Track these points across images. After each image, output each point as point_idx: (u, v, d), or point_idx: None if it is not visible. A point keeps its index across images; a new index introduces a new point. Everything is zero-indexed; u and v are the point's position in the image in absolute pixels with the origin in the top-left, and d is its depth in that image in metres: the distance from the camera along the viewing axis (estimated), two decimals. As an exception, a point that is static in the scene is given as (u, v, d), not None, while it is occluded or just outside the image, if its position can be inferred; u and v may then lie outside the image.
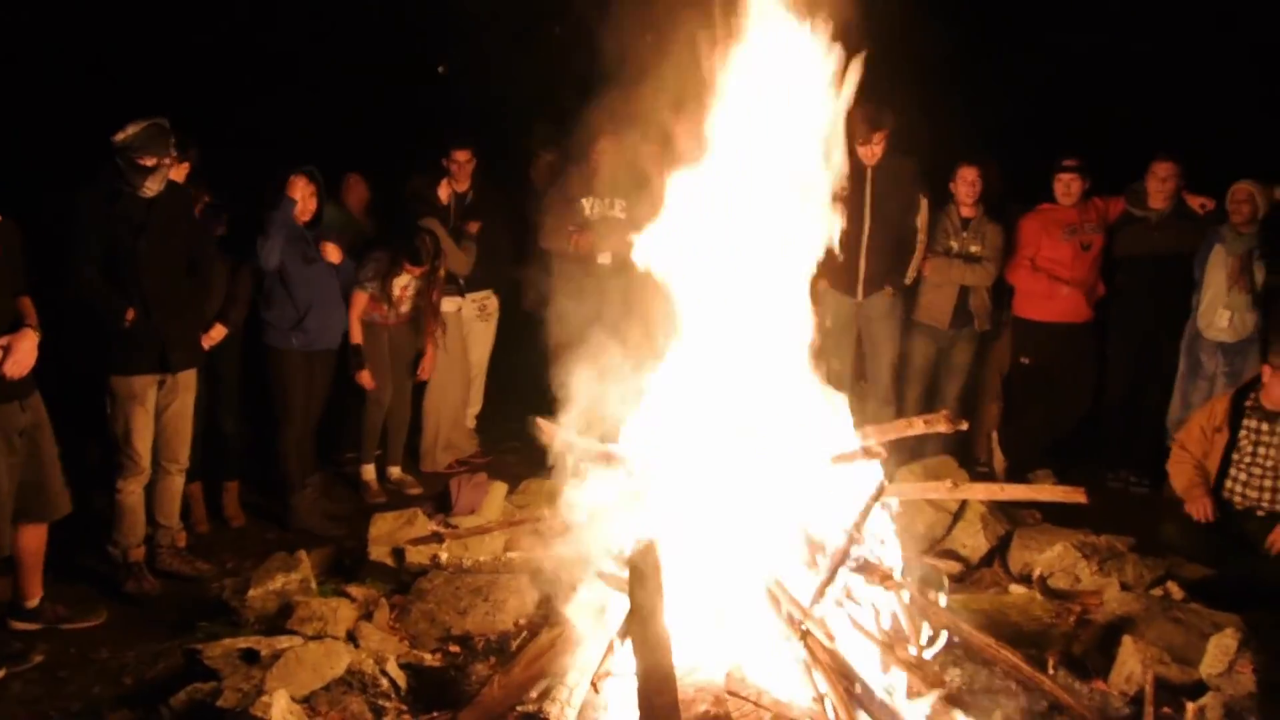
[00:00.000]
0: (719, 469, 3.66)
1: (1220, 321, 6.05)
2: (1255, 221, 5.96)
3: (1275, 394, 5.04)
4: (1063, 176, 6.26)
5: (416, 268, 6.04)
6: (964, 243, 6.20)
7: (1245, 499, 5.13)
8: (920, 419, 4.06)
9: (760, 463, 3.64)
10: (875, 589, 3.64)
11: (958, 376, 6.44)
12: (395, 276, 6.03)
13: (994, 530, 5.23)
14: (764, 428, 3.70)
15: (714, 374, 3.84)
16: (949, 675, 3.93)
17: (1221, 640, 3.90)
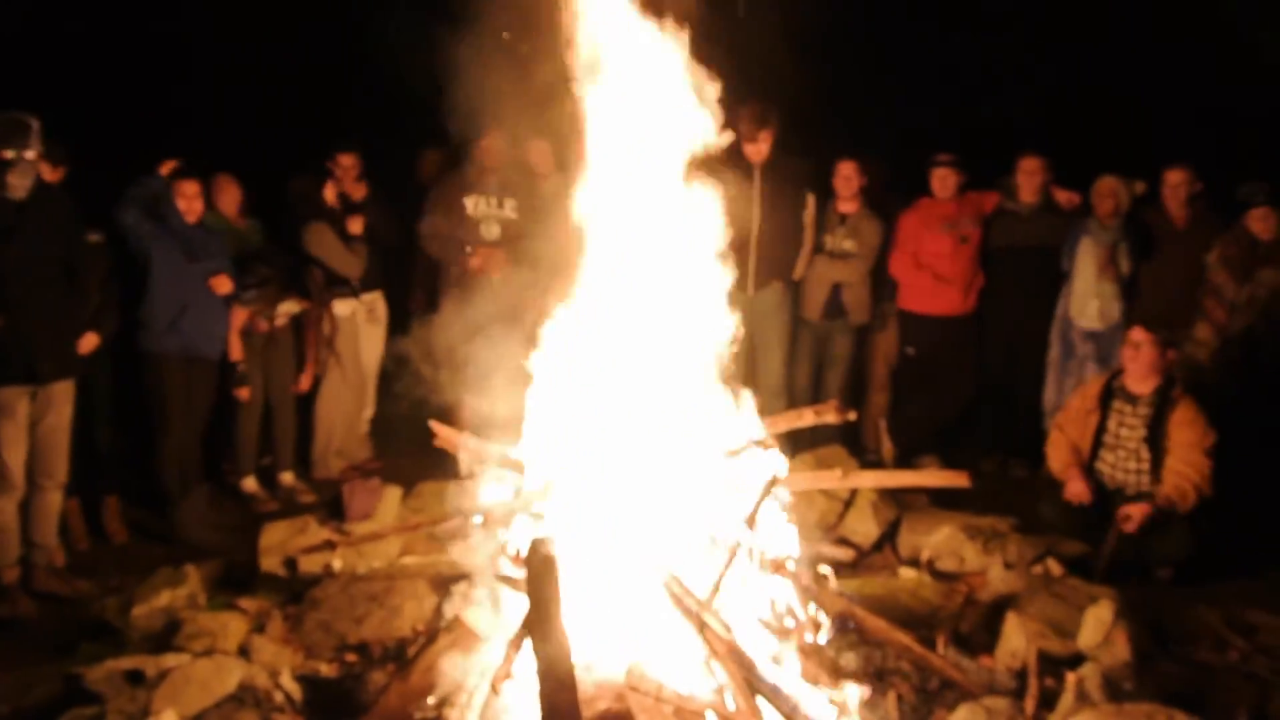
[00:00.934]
0: (614, 466, 3.68)
1: (1089, 310, 6.31)
2: (1119, 214, 6.24)
3: (1134, 376, 5.29)
4: (938, 171, 6.45)
5: (305, 301, 5.95)
6: (838, 239, 6.33)
7: (1114, 479, 5.38)
8: (810, 410, 4.14)
9: (655, 459, 3.67)
10: (771, 578, 3.70)
11: (838, 368, 6.59)
12: (282, 304, 5.92)
13: (884, 516, 5.37)
14: (658, 424, 3.73)
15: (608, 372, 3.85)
16: (845, 659, 4.03)
17: (1098, 613, 4.08)
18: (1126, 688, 3.67)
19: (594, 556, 3.55)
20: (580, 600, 3.36)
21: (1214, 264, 6.05)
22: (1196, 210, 6.24)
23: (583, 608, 3.37)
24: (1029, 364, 6.66)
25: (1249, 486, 5.57)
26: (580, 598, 3.37)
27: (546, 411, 3.95)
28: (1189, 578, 5.09)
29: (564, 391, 3.93)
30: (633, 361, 3.83)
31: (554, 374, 3.96)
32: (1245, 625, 4.60)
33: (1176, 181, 6.19)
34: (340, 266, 6.29)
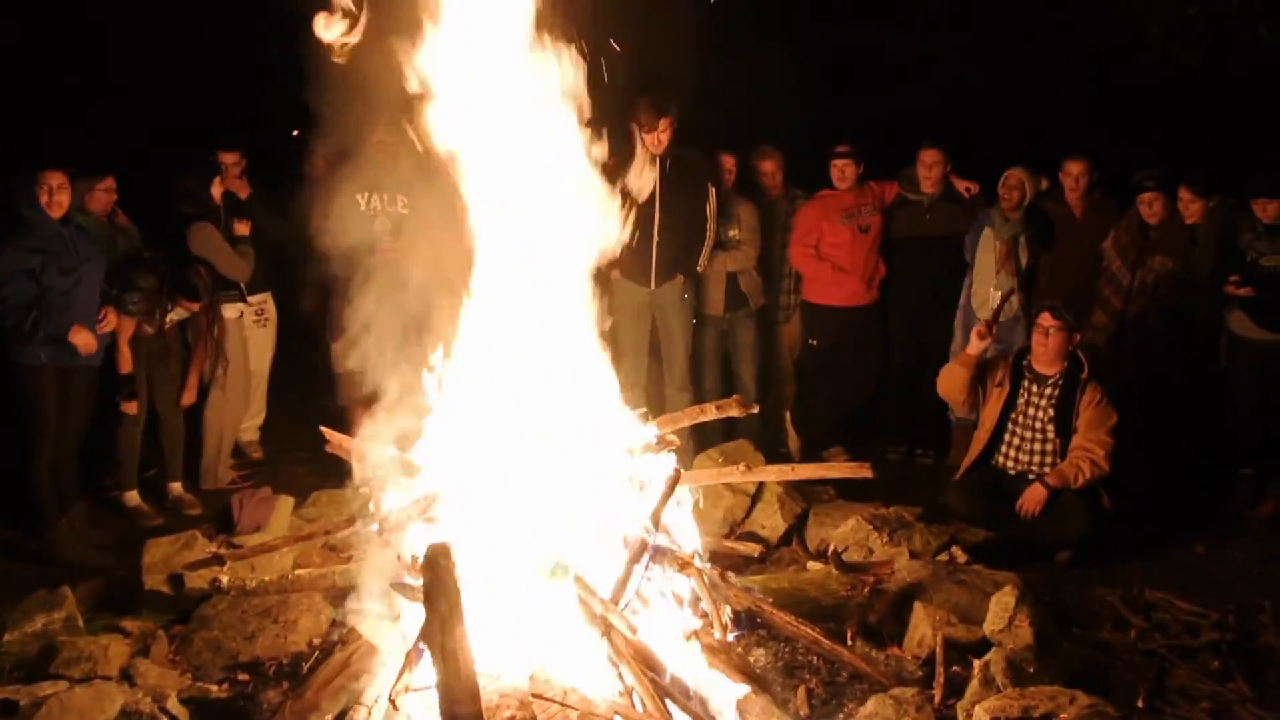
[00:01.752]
0: (515, 469, 3.57)
1: (990, 301, 6.39)
2: (1022, 207, 6.33)
3: (1042, 361, 5.37)
4: (837, 162, 6.47)
5: (193, 304, 5.69)
6: (724, 229, 6.32)
7: (1018, 463, 5.45)
8: (713, 405, 4.11)
9: (556, 460, 3.58)
10: (677, 576, 3.64)
11: (747, 357, 6.57)
12: (168, 312, 5.66)
13: (791, 510, 5.36)
14: (559, 425, 3.64)
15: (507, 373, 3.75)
16: (753, 655, 4.00)
17: (1001, 598, 4.12)
18: (1030, 671, 3.71)
19: (495, 561, 3.44)
20: (482, 607, 3.26)
21: (1109, 251, 6.19)
22: (1094, 200, 6.36)
23: (485, 614, 3.26)
24: (933, 354, 6.72)
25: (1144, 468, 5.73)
26: (482, 604, 3.26)
27: (443, 414, 3.83)
28: (1089, 560, 5.18)
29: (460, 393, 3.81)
30: (530, 361, 3.73)
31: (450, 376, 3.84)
32: (1143, 604, 4.71)
33: (1076, 172, 6.29)
34: (227, 270, 6.05)
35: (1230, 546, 5.49)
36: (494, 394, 3.74)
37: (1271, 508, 5.79)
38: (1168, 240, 6.02)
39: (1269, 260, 5.57)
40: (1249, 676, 4.03)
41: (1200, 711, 3.81)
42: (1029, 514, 5.22)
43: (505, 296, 3.85)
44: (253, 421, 6.69)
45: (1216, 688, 3.96)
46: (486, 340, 3.84)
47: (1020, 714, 3.39)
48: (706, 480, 4.35)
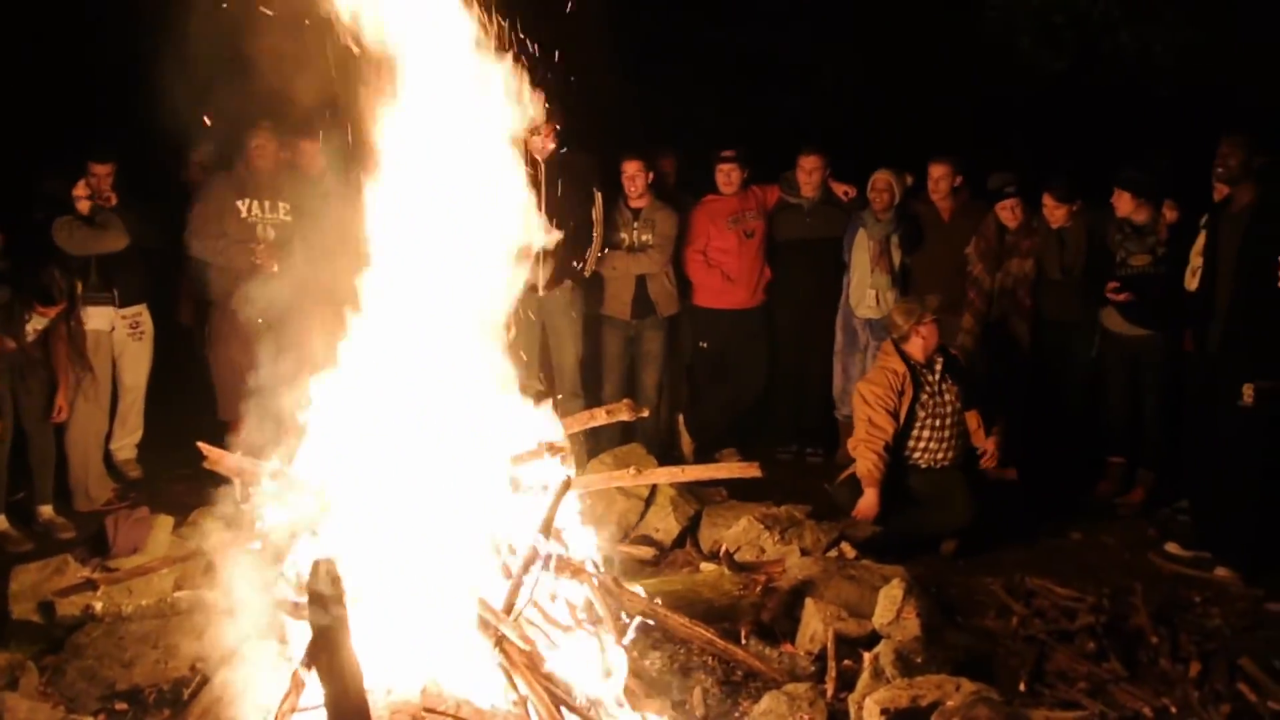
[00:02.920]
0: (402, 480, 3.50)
1: (868, 300, 6.55)
2: (892, 208, 6.49)
3: (914, 349, 5.50)
4: (723, 167, 6.54)
5: (50, 308, 5.43)
6: (635, 233, 6.33)
7: (927, 455, 5.54)
8: (603, 410, 4.09)
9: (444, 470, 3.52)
10: (570, 583, 3.62)
11: (651, 365, 6.59)
12: (26, 321, 5.39)
13: (684, 512, 5.38)
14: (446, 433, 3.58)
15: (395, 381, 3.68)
16: (649, 658, 4.00)
17: (889, 592, 4.21)
18: (918, 661, 3.79)
19: (384, 574, 3.37)
20: (371, 621, 3.19)
21: (971, 255, 6.38)
22: (960, 202, 6.55)
23: (374, 629, 3.19)
24: (818, 354, 6.85)
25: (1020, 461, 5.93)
26: (371, 618, 3.19)
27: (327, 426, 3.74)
28: (972, 550, 5.34)
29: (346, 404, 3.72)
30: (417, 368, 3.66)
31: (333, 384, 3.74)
32: (1024, 591, 4.88)
33: (939, 174, 6.47)
34: (94, 247, 5.76)
35: (1103, 533, 5.72)
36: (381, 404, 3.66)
37: (1141, 494, 6.05)
38: (1030, 244, 6.23)
39: (1138, 260, 5.81)
40: (1122, 656, 4.20)
41: (1078, 692, 3.96)
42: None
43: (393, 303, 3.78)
44: (129, 439, 6.42)
45: (1093, 668, 4.13)
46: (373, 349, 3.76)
47: (909, 704, 3.46)
48: (598, 485, 4.34)
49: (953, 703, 3.38)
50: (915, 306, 5.48)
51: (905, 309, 5.51)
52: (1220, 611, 4.72)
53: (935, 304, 5.52)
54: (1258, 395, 4.77)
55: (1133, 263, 5.82)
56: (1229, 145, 5.00)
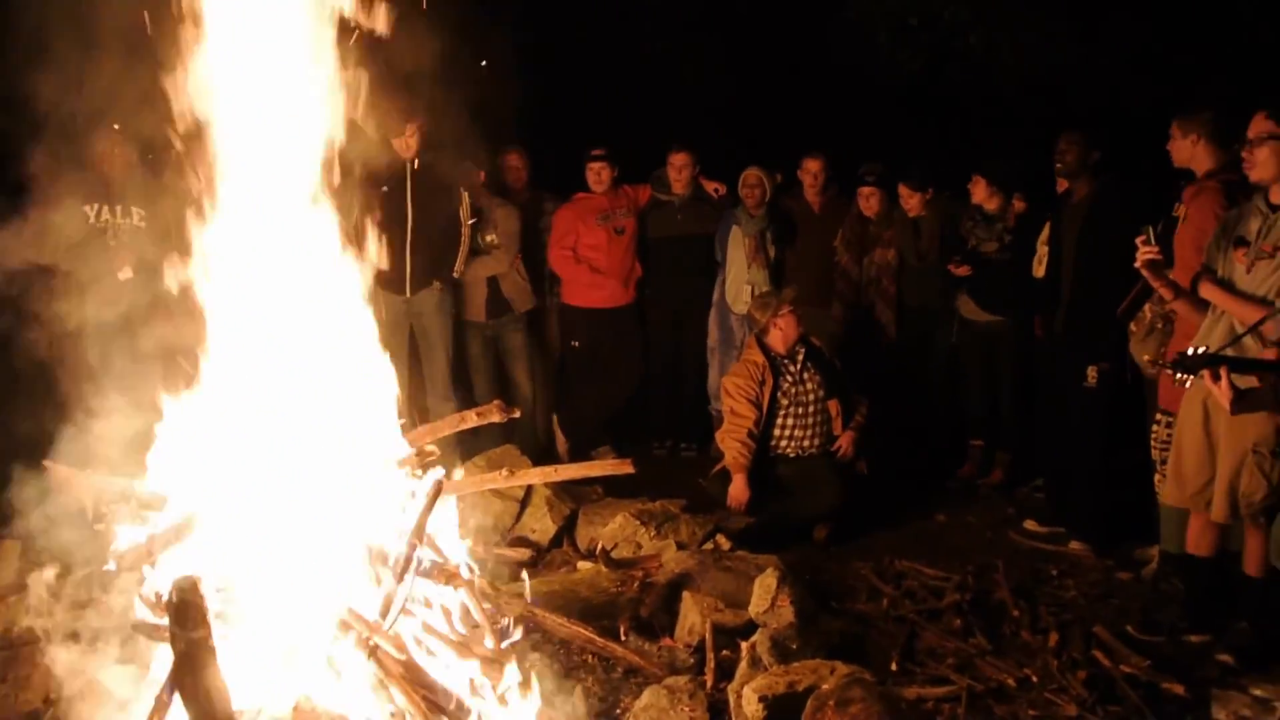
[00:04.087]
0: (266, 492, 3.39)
1: (743, 295, 6.64)
2: (764, 204, 6.60)
3: (775, 341, 5.62)
4: (593, 165, 6.55)
5: None
6: (480, 234, 6.27)
7: (793, 443, 5.68)
8: (473, 412, 4.03)
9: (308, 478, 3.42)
10: (444, 589, 3.56)
11: (518, 361, 6.55)
12: None
13: (560, 512, 5.37)
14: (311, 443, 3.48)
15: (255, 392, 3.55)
16: (529, 660, 3.97)
17: (764, 581, 4.28)
18: (794, 648, 3.87)
19: (250, 590, 3.25)
20: (238, 639, 3.08)
21: (839, 247, 6.57)
22: (831, 196, 6.72)
23: (241, 646, 3.08)
24: (692, 349, 6.92)
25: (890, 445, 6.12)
26: (237, 636, 3.08)
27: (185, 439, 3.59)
28: (844, 536, 5.48)
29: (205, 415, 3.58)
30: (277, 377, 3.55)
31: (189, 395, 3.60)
32: (894, 573, 5.03)
33: (814, 169, 6.63)
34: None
35: (967, 513, 5.95)
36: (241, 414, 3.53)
37: (999, 475, 6.31)
38: (890, 233, 6.44)
39: (987, 247, 6.06)
40: (987, 631, 4.38)
41: (946, 668, 4.10)
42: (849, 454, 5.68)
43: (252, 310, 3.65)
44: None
45: (960, 644, 4.28)
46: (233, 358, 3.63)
47: (785, 690, 3.53)
48: (470, 488, 4.27)
49: (828, 686, 3.46)
50: (771, 300, 5.64)
51: (762, 303, 5.67)
52: (1075, 583, 4.96)
53: (791, 296, 5.67)
54: (1100, 376, 5.02)
55: (982, 249, 6.06)
56: (1066, 141, 5.28)
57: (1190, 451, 4.22)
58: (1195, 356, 3.46)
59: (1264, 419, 3.88)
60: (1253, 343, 3.82)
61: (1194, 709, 3.83)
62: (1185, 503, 4.32)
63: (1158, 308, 4.66)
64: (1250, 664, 4.07)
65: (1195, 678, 4.01)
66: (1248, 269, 3.98)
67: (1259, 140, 3.87)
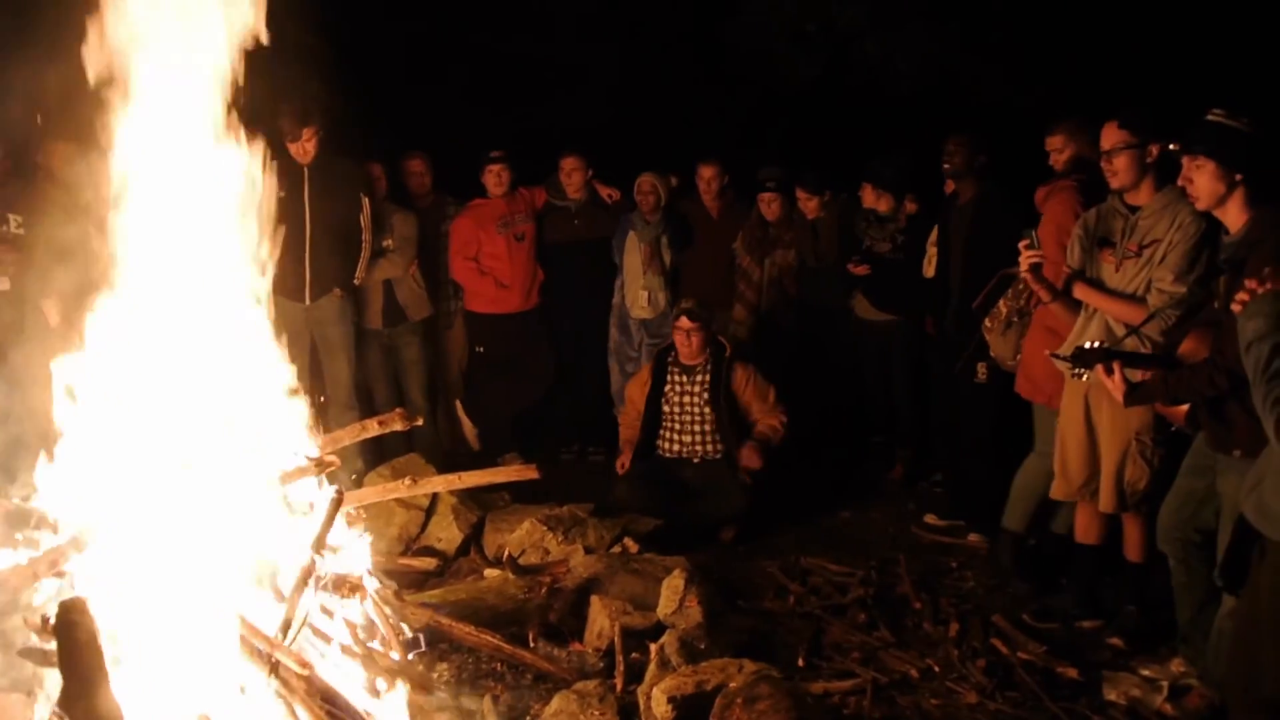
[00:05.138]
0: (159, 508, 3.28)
1: (640, 300, 6.66)
2: (659, 209, 6.63)
3: (684, 353, 5.69)
4: (492, 168, 6.49)
5: None
6: (378, 239, 6.18)
7: (680, 446, 5.75)
8: (375, 420, 3.99)
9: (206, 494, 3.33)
10: (348, 601, 3.50)
11: (413, 372, 6.44)
12: None
13: (466, 519, 5.30)
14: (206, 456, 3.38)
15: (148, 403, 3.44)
16: (437, 671, 3.93)
17: (672, 582, 4.29)
18: (702, 648, 3.90)
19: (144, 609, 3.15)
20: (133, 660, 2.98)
21: (739, 249, 6.63)
22: (728, 201, 6.78)
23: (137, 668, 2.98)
24: (595, 353, 6.92)
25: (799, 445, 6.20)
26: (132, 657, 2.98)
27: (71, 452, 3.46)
28: (750, 535, 5.54)
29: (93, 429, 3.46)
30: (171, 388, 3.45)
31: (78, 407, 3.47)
32: (800, 571, 5.10)
33: (709, 175, 6.66)
34: None
35: (869, 510, 6.05)
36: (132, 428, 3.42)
37: (900, 471, 6.45)
38: (790, 236, 6.54)
39: (881, 247, 6.18)
40: (890, 624, 4.47)
41: (852, 661, 4.18)
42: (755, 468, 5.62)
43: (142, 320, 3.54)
44: None
45: (865, 638, 4.37)
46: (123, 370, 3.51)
47: (694, 689, 3.55)
48: (373, 498, 4.21)
49: (736, 683, 3.49)
50: (691, 308, 5.70)
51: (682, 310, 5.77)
52: (973, 574, 5.09)
53: (688, 306, 5.76)
54: (990, 372, 5.17)
55: (877, 250, 6.18)
56: (954, 144, 5.45)
57: (1074, 446, 4.38)
58: (1090, 351, 3.60)
59: (1145, 409, 4.06)
60: (1133, 341, 3.99)
61: (1087, 691, 3.97)
62: (1074, 495, 4.48)
63: (1013, 303, 4.85)
64: (1138, 646, 4.24)
65: (1088, 661, 4.16)
66: (1116, 268, 4.16)
67: (1116, 150, 4.05)
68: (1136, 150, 4.01)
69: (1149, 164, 4.03)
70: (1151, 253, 4.04)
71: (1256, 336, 2.57)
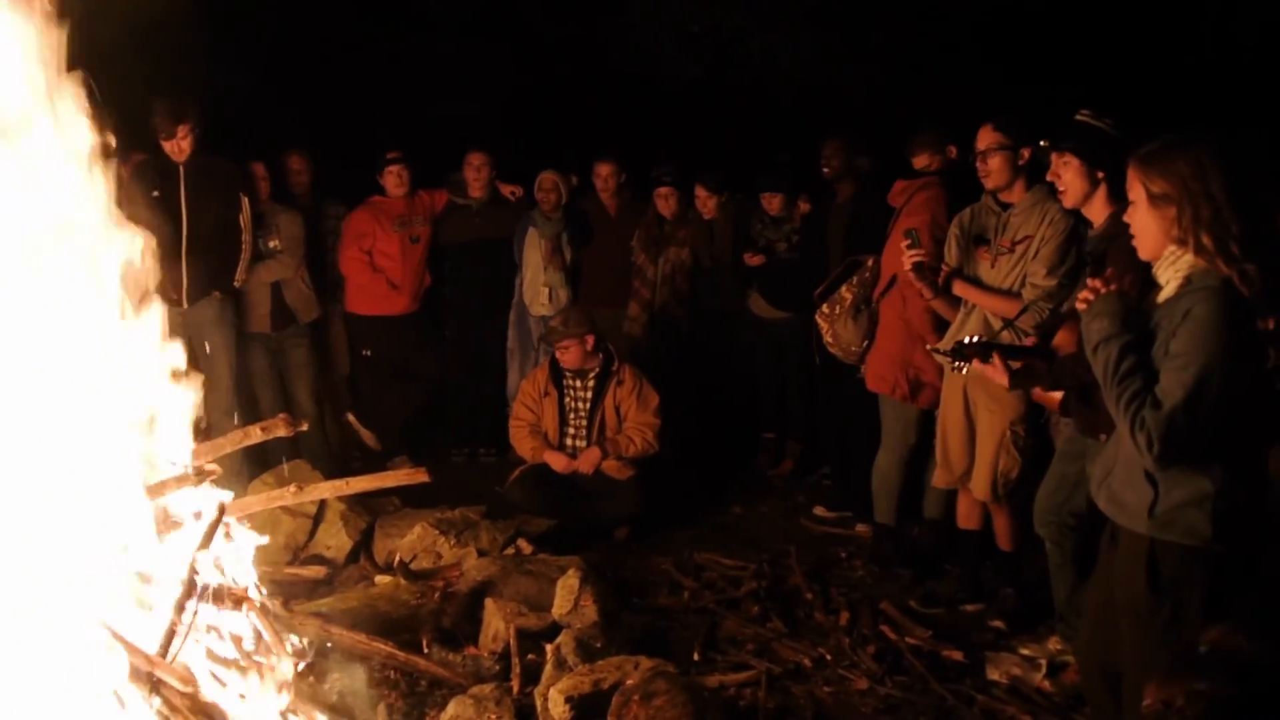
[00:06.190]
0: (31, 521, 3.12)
1: (541, 297, 6.63)
2: (560, 207, 6.61)
3: (568, 359, 5.68)
4: (392, 168, 6.38)
5: None
6: (263, 240, 6.02)
7: (573, 447, 5.73)
8: (258, 427, 3.86)
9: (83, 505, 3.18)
10: (234, 614, 3.38)
11: (301, 377, 6.27)
12: None
13: (356, 526, 5.20)
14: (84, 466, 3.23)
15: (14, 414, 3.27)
16: (328, 682, 3.84)
17: (567, 582, 4.29)
18: (598, 646, 3.90)
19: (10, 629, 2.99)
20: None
21: (635, 246, 6.66)
22: (625, 199, 6.80)
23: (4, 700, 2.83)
24: (491, 354, 6.85)
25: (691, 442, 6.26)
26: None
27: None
28: (645, 533, 5.56)
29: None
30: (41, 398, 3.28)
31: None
32: (694, 566, 5.15)
33: (606, 173, 6.68)
34: None
35: (761, 504, 6.15)
36: None
37: (790, 465, 6.57)
38: (685, 233, 6.60)
39: (777, 246, 6.27)
40: (783, 615, 4.56)
41: (746, 653, 4.24)
42: (586, 471, 5.59)
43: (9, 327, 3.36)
44: None
45: (759, 629, 4.44)
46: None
47: (591, 688, 3.55)
48: (257, 507, 4.08)
49: (632, 681, 3.51)
50: (557, 331, 5.66)
51: (553, 330, 5.72)
52: (862, 563, 5.22)
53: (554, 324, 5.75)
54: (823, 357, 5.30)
55: (774, 250, 6.28)
56: (831, 147, 5.59)
57: (954, 436, 4.53)
58: (968, 346, 3.73)
59: (1019, 401, 4.22)
60: (1009, 333, 4.14)
61: (971, 672, 4.12)
62: (955, 484, 4.63)
63: (858, 291, 5.00)
64: (1018, 627, 4.41)
65: (972, 643, 4.32)
66: (991, 264, 4.32)
67: (990, 151, 4.21)
68: (1010, 152, 4.17)
69: (1020, 166, 4.20)
70: (1024, 248, 4.21)
71: (1103, 338, 2.67)
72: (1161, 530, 2.66)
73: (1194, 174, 2.58)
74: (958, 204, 4.61)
